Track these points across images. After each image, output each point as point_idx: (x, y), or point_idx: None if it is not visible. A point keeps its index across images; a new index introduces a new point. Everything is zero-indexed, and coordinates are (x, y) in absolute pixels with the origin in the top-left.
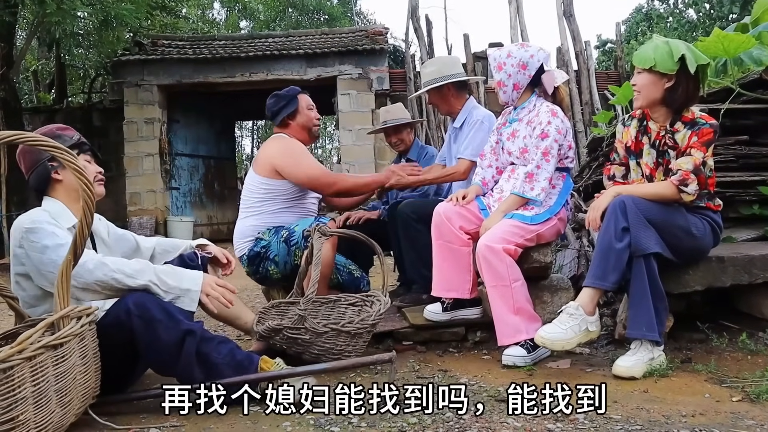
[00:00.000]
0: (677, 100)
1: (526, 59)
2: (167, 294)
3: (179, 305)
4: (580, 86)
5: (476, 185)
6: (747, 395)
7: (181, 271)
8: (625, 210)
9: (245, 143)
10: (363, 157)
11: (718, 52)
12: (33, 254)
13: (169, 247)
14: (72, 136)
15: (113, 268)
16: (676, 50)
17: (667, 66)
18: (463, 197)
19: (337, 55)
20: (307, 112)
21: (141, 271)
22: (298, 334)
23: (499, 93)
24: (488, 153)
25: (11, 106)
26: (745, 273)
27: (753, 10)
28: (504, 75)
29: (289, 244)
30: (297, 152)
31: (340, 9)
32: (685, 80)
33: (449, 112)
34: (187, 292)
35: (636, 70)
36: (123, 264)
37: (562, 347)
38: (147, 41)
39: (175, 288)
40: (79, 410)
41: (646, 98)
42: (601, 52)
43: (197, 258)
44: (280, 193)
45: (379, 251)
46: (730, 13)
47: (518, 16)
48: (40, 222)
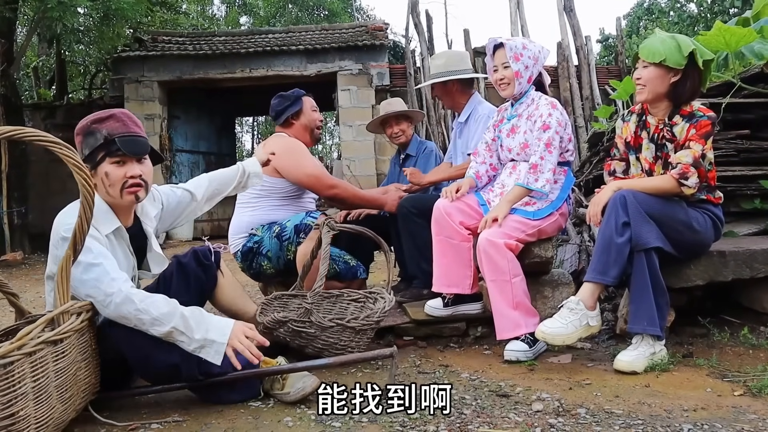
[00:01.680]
0: (683, 94)
1: (537, 54)
2: (191, 343)
3: (203, 356)
4: (580, 81)
5: (470, 178)
6: (749, 389)
7: (209, 318)
8: (626, 204)
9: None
10: (363, 153)
11: (719, 46)
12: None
13: (223, 180)
14: (103, 133)
15: (139, 307)
16: (684, 45)
17: (676, 60)
18: (456, 190)
19: (337, 51)
20: (311, 113)
21: (167, 315)
22: (303, 327)
23: (513, 84)
24: (482, 150)
25: (12, 102)
26: (747, 267)
27: (754, 4)
28: (522, 66)
29: (281, 239)
30: (298, 151)
31: (340, 5)
32: (691, 75)
33: (453, 106)
34: (213, 343)
35: (641, 63)
36: (150, 304)
37: (563, 342)
38: (147, 37)
39: (201, 339)
40: (79, 406)
41: (652, 92)
42: (603, 46)
43: (211, 254)
44: (276, 191)
45: (386, 248)
46: (732, 7)
47: (519, 11)
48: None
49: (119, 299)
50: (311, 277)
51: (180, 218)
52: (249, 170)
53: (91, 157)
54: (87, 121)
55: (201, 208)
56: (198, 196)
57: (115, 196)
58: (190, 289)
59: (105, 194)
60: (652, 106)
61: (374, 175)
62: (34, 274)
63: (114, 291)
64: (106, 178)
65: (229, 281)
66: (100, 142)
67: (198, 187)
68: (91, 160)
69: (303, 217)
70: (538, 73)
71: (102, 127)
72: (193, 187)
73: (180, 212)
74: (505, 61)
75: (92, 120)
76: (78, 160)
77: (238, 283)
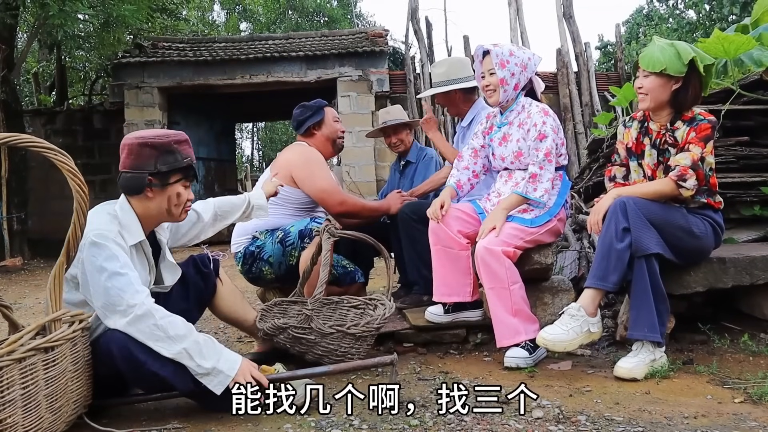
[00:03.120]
0: (685, 101)
1: (525, 60)
2: (198, 368)
3: (206, 383)
4: (580, 88)
5: (450, 188)
6: (749, 396)
7: (221, 349)
8: (626, 210)
9: (245, 145)
10: (363, 159)
11: (718, 53)
12: (89, 267)
13: (227, 208)
14: (185, 157)
15: (159, 323)
16: (684, 52)
17: (676, 68)
18: (441, 207)
19: (337, 57)
20: (332, 123)
21: (182, 338)
22: (303, 334)
23: (498, 91)
24: (467, 155)
25: (12, 108)
26: (747, 274)
27: (753, 11)
28: (507, 73)
29: (285, 245)
30: (315, 163)
31: (340, 11)
32: (693, 82)
33: (457, 113)
34: (220, 373)
35: (642, 72)
36: (169, 323)
37: (564, 348)
38: (147, 43)
39: (209, 367)
40: (70, 418)
41: (655, 100)
42: (602, 53)
43: (210, 262)
44: (291, 201)
45: (386, 254)
46: (730, 14)
47: (518, 18)
48: (107, 239)
49: (141, 311)
50: (311, 283)
51: (183, 237)
52: (254, 203)
53: (165, 175)
54: (167, 138)
55: (206, 231)
56: (204, 218)
57: (174, 214)
58: (189, 297)
59: (164, 211)
60: (654, 113)
61: (374, 181)
62: (33, 279)
63: (137, 303)
64: (176, 198)
65: (229, 289)
66: (182, 164)
67: (205, 210)
68: (164, 177)
69: (308, 222)
70: (527, 80)
71: (180, 149)
72: (200, 208)
73: (185, 230)
74: (492, 67)
75: (173, 139)
76: (73, 166)
77: (237, 291)
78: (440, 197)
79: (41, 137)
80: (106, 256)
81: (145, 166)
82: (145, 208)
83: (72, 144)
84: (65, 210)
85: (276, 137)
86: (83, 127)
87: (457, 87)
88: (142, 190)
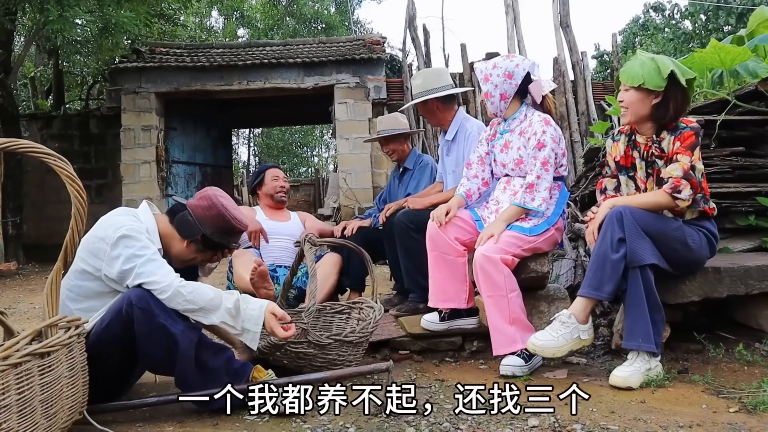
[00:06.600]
0: (665, 115)
1: (511, 69)
2: (232, 330)
3: (242, 339)
4: (576, 96)
5: (459, 197)
6: (744, 406)
7: (244, 309)
8: (622, 220)
9: (242, 151)
10: (360, 166)
11: (714, 64)
12: (121, 256)
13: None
14: (235, 244)
15: (188, 298)
16: (663, 67)
17: (655, 83)
18: (446, 212)
19: (335, 64)
20: (270, 182)
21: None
22: (300, 348)
23: (486, 104)
24: (475, 163)
25: (9, 112)
26: (742, 284)
27: (749, 23)
28: (491, 86)
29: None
30: None
31: (337, 18)
32: (673, 96)
33: (439, 123)
34: (248, 332)
35: (623, 87)
36: (197, 295)
37: (553, 354)
38: (145, 49)
39: (239, 329)
40: (65, 424)
41: (635, 114)
42: (599, 62)
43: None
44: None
45: (368, 258)
46: (726, 24)
47: (515, 27)
48: (139, 232)
49: (169, 293)
50: None
51: None
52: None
53: (211, 244)
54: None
55: None
56: None
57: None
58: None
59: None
60: (638, 126)
61: (370, 188)
62: (28, 284)
63: (164, 285)
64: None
65: None
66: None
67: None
68: (207, 245)
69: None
70: (516, 87)
71: (238, 238)
72: None
73: None
74: None
75: (239, 228)
76: (71, 172)
77: None
78: (448, 204)
79: (37, 142)
80: (140, 246)
81: (205, 226)
82: (172, 239)
83: (68, 149)
84: (60, 215)
85: (272, 143)
86: (80, 132)
87: (433, 96)
88: (187, 236)
